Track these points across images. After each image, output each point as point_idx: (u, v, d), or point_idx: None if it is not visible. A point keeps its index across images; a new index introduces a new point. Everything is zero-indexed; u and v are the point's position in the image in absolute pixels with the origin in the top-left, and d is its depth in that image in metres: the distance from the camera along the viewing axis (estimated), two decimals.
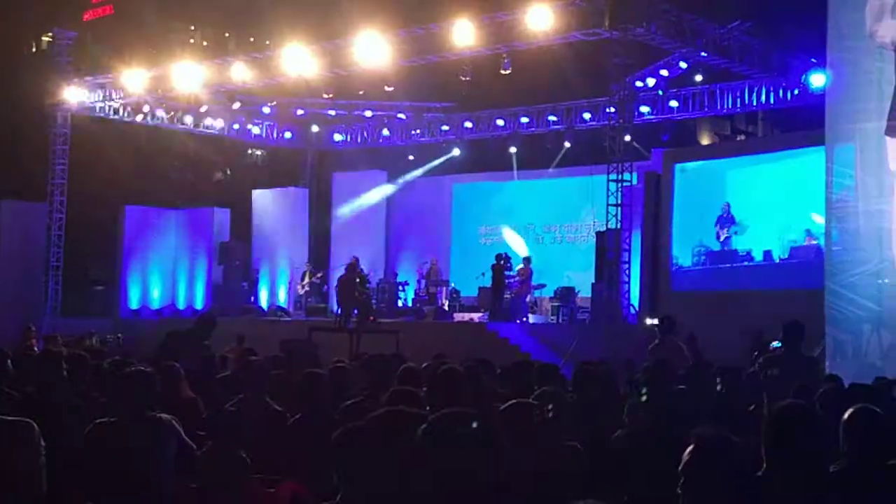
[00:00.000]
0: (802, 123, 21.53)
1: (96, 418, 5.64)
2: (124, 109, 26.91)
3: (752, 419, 6.21)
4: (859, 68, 13.26)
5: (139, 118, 27.17)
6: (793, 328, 9.19)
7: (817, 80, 19.88)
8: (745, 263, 20.78)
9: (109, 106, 26.68)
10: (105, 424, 5.56)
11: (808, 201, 19.08)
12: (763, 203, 21.14)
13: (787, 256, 20.30)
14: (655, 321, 19.91)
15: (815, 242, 19.27)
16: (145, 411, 5.58)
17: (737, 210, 21.50)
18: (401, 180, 28.79)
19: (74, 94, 26.61)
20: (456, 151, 27.98)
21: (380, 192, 28.73)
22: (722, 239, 21.54)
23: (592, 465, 5.21)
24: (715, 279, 21.02)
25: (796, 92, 22.34)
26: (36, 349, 15.32)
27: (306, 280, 26.74)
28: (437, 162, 28.22)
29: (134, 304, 28.76)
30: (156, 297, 29.05)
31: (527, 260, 23.06)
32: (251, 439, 5.55)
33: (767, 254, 20.80)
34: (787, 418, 4.27)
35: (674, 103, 24.70)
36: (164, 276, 29.14)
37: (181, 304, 28.91)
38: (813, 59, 20.53)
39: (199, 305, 28.23)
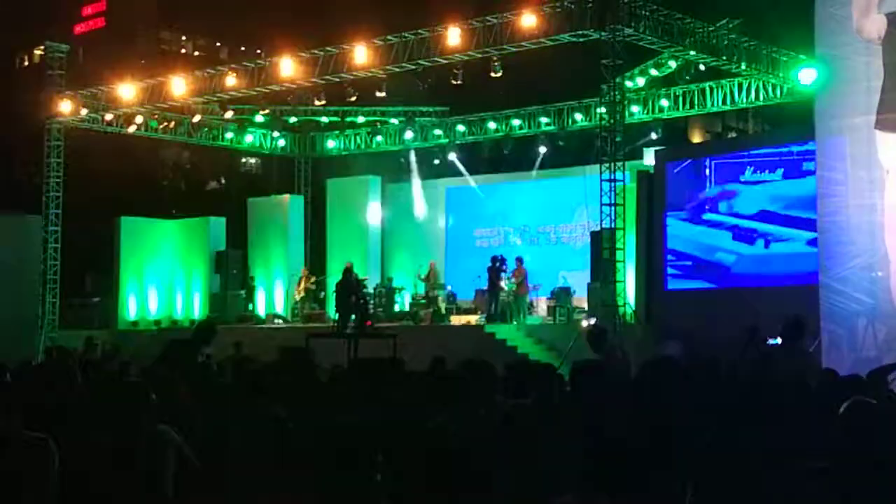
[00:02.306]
0: (792, 119, 21.64)
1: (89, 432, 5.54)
2: (117, 121, 26.93)
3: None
4: (847, 63, 13.32)
5: (132, 129, 27.18)
6: (792, 325, 9.26)
7: (806, 76, 19.98)
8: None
9: (102, 118, 26.70)
10: (99, 440, 5.47)
11: None
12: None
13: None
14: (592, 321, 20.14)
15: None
16: (141, 423, 5.49)
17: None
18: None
19: (67, 107, 26.63)
20: (453, 155, 28.05)
21: None
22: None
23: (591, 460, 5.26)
24: (707, 276, 21.10)
25: (786, 88, 22.45)
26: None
27: (302, 286, 26.77)
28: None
29: (132, 315, 28.77)
30: (154, 307, 29.06)
31: (519, 260, 23.14)
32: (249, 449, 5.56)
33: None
34: None
35: (664, 102, 24.81)
36: (161, 287, 29.15)
37: (179, 314, 28.93)
38: (801, 56, 20.63)
39: (196, 315, 28.25)
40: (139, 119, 26.75)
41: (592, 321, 20.32)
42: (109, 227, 29.26)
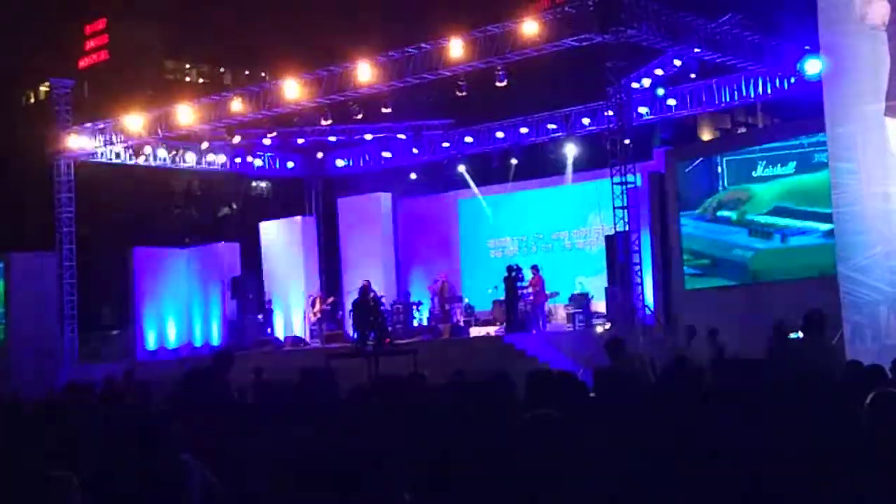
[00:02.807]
0: (802, 111, 21.51)
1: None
2: (126, 152, 27.02)
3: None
4: (853, 52, 13.23)
5: (141, 160, 27.27)
6: (813, 318, 9.17)
7: (812, 66, 19.89)
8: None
9: (111, 150, 26.78)
10: (122, 473, 5.43)
11: None
12: None
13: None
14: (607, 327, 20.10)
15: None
16: (164, 454, 5.48)
17: None
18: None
19: (76, 142, 26.73)
20: (462, 168, 28.04)
21: None
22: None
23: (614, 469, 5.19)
24: (725, 274, 21.00)
25: (793, 80, 22.35)
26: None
27: (317, 307, 26.77)
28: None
29: (151, 345, 28.80)
30: (172, 336, 29.10)
31: (535, 268, 23.07)
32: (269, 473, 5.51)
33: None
34: None
35: (671, 101, 24.72)
36: (178, 315, 29.19)
37: (198, 342, 28.96)
38: (806, 46, 20.54)
39: (215, 342, 28.27)
40: (147, 149, 26.84)
41: (608, 326, 20.25)
42: (124, 259, 29.35)
